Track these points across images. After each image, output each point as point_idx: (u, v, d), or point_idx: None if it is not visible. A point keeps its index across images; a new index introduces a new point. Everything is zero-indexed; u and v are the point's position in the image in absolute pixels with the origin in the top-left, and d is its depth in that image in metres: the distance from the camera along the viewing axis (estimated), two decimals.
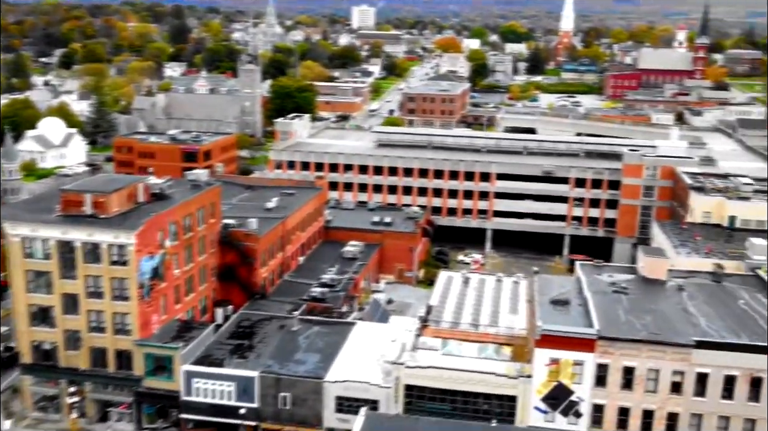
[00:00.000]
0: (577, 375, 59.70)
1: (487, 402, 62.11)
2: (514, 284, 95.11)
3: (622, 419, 59.97)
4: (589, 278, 74.55)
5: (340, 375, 65.14)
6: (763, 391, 57.39)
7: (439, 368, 62.28)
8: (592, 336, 58.48)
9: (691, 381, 58.11)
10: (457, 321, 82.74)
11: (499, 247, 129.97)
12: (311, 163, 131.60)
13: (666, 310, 66.09)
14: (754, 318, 65.14)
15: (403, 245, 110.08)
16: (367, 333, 75.19)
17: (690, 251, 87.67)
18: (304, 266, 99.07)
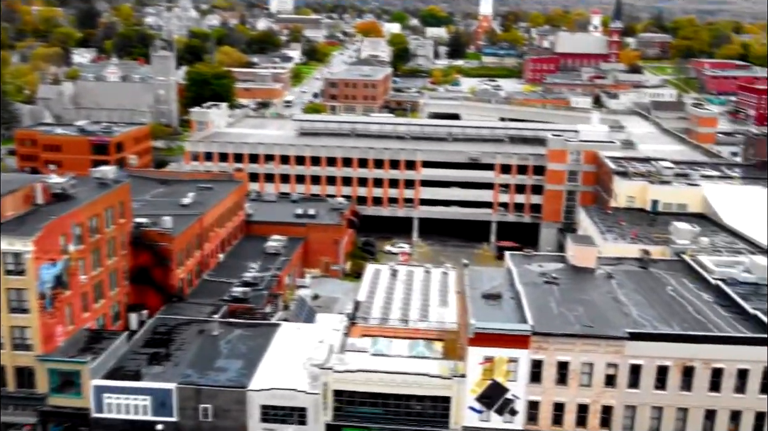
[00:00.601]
0: (512, 373, 57.90)
1: (421, 404, 59.62)
2: (443, 275, 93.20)
3: (558, 414, 58.62)
4: (520, 269, 73.05)
5: (264, 383, 61.35)
6: (695, 380, 56.95)
7: (368, 371, 59.29)
8: (527, 332, 56.71)
9: (624, 373, 57.17)
10: (386, 317, 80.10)
11: (426, 236, 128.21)
12: (230, 154, 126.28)
13: (597, 300, 65.13)
14: (683, 304, 64.93)
15: (328, 238, 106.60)
16: (293, 335, 71.54)
17: (616, 237, 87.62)
18: (224, 264, 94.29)
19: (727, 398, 57.20)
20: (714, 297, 66.94)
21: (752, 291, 70.83)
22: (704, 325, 59.90)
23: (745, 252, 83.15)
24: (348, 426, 60.31)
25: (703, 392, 57.21)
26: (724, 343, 56.24)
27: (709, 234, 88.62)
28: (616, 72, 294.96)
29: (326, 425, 60.45)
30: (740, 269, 74.66)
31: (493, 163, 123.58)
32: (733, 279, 72.52)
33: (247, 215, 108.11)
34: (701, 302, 65.61)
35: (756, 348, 56.14)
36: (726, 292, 66.72)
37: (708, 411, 57.70)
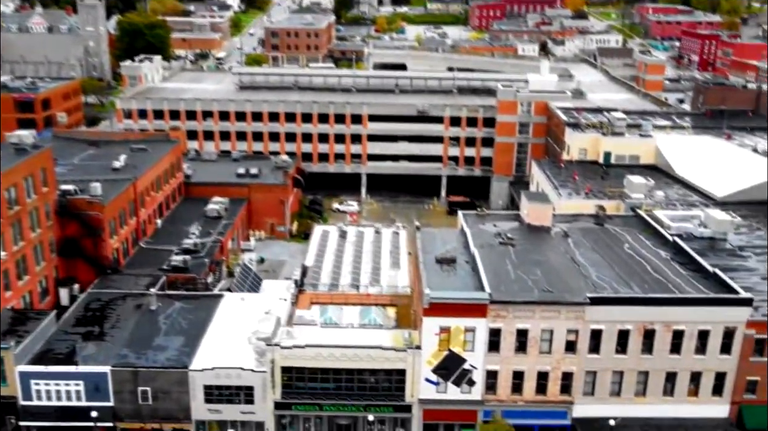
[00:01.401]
0: (469, 343, 55.24)
1: (375, 377, 56.66)
2: (393, 235, 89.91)
3: (517, 383, 56.49)
4: (474, 230, 70.13)
5: (207, 361, 57.38)
6: (656, 343, 55.31)
7: (318, 346, 55.83)
8: (484, 301, 53.88)
9: (585, 338, 55.11)
10: (335, 282, 76.63)
11: (375, 192, 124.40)
12: (165, 111, 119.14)
13: (555, 262, 62.73)
14: (641, 263, 63.07)
15: (272, 198, 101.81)
16: (237, 306, 67.42)
17: (570, 192, 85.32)
18: (162, 230, 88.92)
19: (688, 360, 55.84)
20: (672, 254, 65.29)
21: (709, 246, 69.62)
22: (664, 286, 58.13)
23: (699, 204, 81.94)
24: (298, 404, 57.08)
25: (664, 354, 55.70)
26: (685, 305, 54.50)
27: (662, 187, 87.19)
28: (562, 18, 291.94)
29: (275, 403, 57.10)
30: (696, 223, 73.34)
31: (442, 115, 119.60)
32: (689, 234, 71.13)
33: (186, 176, 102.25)
34: (659, 260, 63.86)
35: (717, 309, 54.61)
36: (684, 249, 65.09)
37: (669, 374, 56.32)
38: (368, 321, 66.68)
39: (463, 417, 57.46)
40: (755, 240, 71.52)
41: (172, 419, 57.48)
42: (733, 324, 55.03)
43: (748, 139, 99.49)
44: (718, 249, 69.10)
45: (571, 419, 57.11)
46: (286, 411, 57.50)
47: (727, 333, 55.33)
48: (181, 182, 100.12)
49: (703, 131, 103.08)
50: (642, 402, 56.89)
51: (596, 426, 56.46)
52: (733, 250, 68.68)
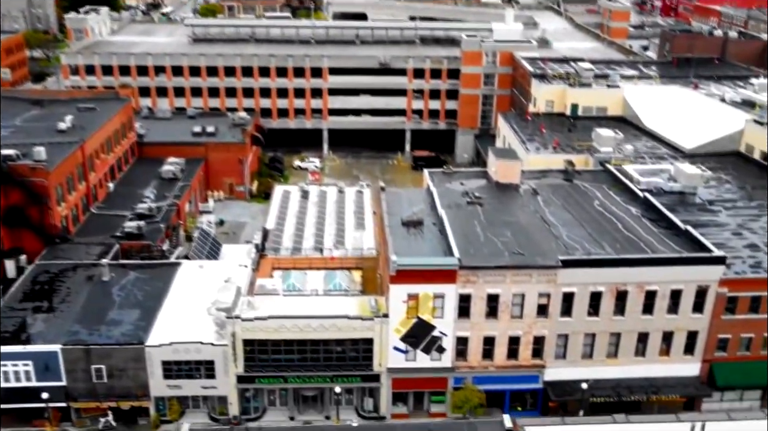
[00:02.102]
0: (438, 309, 53.26)
1: (341, 347, 54.55)
2: (357, 194, 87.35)
3: (488, 349, 54.92)
4: (440, 189, 67.74)
5: (165, 336, 54.55)
6: (629, 304, 54.04)
7: (281, 317, 53.35)
8: (453, 267, 51.73)
9: (557, 302, 53.53)
10: (298, 245, 74.09)
11: (337, 148, 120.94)
12: (114, 67, 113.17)
13: (524, 222, 60.78)
14: (612, 221, 61.47)
15: (230, 157, 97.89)
16: (196, 275, 64.39)
17: (538, 146, 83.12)
18: (115, 194, 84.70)
19: (660, 319, 54.78)
20: (642, 210, 63.80)
21: (679, 200, 68.40)
22: (636, 245, 56.65)
23: (668, 157, 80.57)
24: (262, 377, 54.84)
25: (636, 315, 54.51)
26: (658, 265, 53.11)
27: (630, 139, 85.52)
28: None
29: (237, 377, 54.78)
30: (665, 177, 71.96)
31: (405, 67, 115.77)
32: (659, 189, 69.76)
33: (139, 136, 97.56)
34: (630, 217, 62.34)
35: (689, 269, 53.33)
36: (654, 205, 63.61)
37: (641, 334, 55.27)
38: (333, 286, 64.43)
39: (434, 384, 55.92)
40: (725, 194, 70.47)
41: (129, 397, 54.83)
42: (705, 283, 53.93)
43: (716, 88, 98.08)
44: (688, 203, 67.89)
45: (543, 383, 55.98)
46: (249, 385, 55.28)
47: (700, 292, 54.28)
48: (134, 142, 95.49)
49: (670, 81, 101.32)
50: (614, 363, 55.91)
51: (568, 389, 55.43)
52: (703, 205, 67.50)
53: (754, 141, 79.27)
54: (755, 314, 55.19)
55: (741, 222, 63.80)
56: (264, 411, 57.54)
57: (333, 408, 56.46)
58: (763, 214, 65.75)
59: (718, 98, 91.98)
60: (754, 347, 56.34)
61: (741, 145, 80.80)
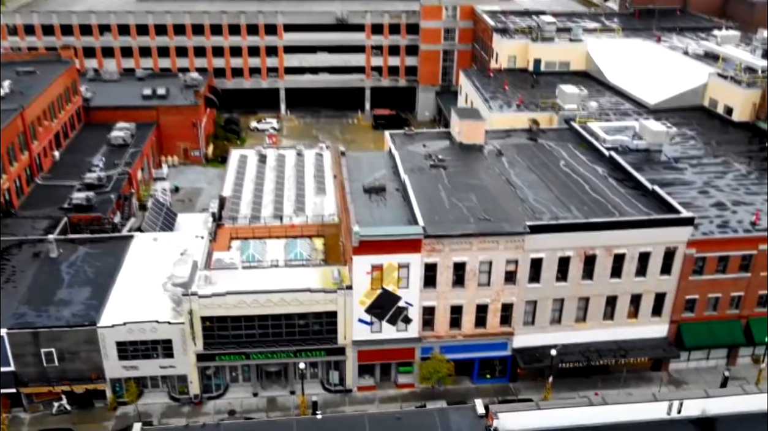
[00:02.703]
0: (403, 279, 51.55)
1: (304, 321, 52.63)
2: (317, 156, 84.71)
3: (455, 318, 53.58)
4: (402, 151, 65.53)
5: (118, 316, 51.91)
6: (597, 268, 53.01)
7: (240, 293, 51.10)
8: (418, 236, 49.87)
9: (525, 268, 52.21)
10: (256, 213, 71.62)
11: (295, 108, 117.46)
12: (55, 26, 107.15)
13: (490, 185, 59.04)
14: (578, 182, 60.11)
15: (184, 120, 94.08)
16: (150, 248, 61.49)
17: (502, 104, 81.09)
18: (61, 163, 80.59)
19: (628, 282, 53.97)
20: (609, 170, 62.55)
21: (644, 158, 67.42)
22: (604, 207, 55.43)
23: (632, 113, 79.39)
24: (222, 354, 52.80)
25: (605, 279, 53.57)
26: (627, 228, 51.97)
27: (594, 95, 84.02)
28: None
29: (197, 355, 52.64)
30: (630, 134, 70.80)
31: (362, 23, 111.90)
32: (624, 147, 68.64)
33: (85, 100, 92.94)
34: (596, 177, 61.06)
35: (658, 231, 52.36)
36: (621, 165, 62.37)
37: (609, 298, 54.46)
38: (294, 256, 62.32)
39: (401, 355, 54.58)
40: (690, 151, 69.64)
41: (83, 380, 52.37)
42: (674, 245, 53.10)
43: (678, 41, 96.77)
44: (654, 161, 66.92)
45: (512, 350, 55.04)
46: (209, 363, 53.21)
47: (668, 254, 53.46)
48: (80, 107, 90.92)
49: (632, 33, 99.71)
50: (582, 328, 55.17)
51: (537, 356, 54.61)
52: (669, 162, 66.59)
53: (718, 95, 78.41)
54: (723, 274, 54.73)
55: (707, 180, 63.07)
56: (226, 388, 55.69)
57: (298, 383, 54.84)
58: (728, 170, 65.12)
59: (681, 51, 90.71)
60: (721, 307, 56.07)
61: (705, 99, 79.90)
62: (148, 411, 53.39)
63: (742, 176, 63.78)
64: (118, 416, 52.93)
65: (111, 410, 53.32)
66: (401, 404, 54.30)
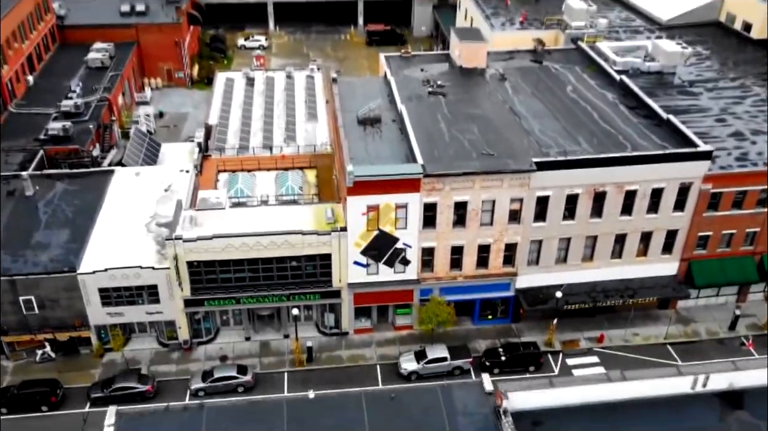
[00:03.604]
0: (401, 220, 48.42)
1: (296, 264, 49.82)
2: (308, 79, 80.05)
3: (456, 258, 50.83)
4: (399, 77, 61.22)
5: (100, 260, 48.96)
6: (606, 206, 49.87)
7: (227, 236, 48.01)
8: (416, 175, 46.37)
9: (530, 207, 49.04)
10: (245, 143, 67.95)
11: (285, 23, 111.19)
12: None
13: (492, 115, 55.08)
14: (587, 110, 56.17)
15: (166, 40, 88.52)
16: (132, 183, 57.97)
17: (504, 22, 75.88)
18: (36, 89, 75.78)
19: (639, 220, 50.97)
20: (619, 96, 58.46)
21: (657, 82, 63.26)
22: (614, 138, 51.75)
23: (644, 30, 74.39)
24: (211, 299, 50.27)
25: (614, 217, 50.52)
26: (640, 163, 48.47)
27: (603, 10, 78.74)
28: None
29: (184, 301, 50.10)
30: (642, 55, 66.26)
31: None
32: (636, 70, 64.29)
33: (59, 18, 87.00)
34: (606, 105, 57.06)
35: (673, 165, 48.89)
36: (633, 90, 58.21)
37: (618, 236, 51.59)
38: (285, 190, 59.05)
39: (398, 297, 52.15)
40: (705, 73, 65.32)
41: (66, 327, 50.01)
42: (689, 180, 49.79)
43: None
44: (667, 85, 62.79)
45: (515, 290, 52.61)
46: (198, 308, 50.76)
47: (682, 190, 50.22)
48: (53, 26, 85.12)
49: None
50: (589, 267, 52.54)
51: (541, 296, 52.25)
52: (683, 86, 62.42)
53: (736, 9, 73.24)
54: (739, 209, 51.70)
55: (724, 107, 59.15)
56: (217, 332, 53.55)
57: (291, 326, 52.66)
58: (747, 95, 61.06)
59: None
60: (735, 243, 53.37)
61: (721, 14, 74.77)
62: (136, 357, 51.34)
63: (761, 101, 59.78)
64: (105, 363, 50.88)
65: (97, 357, 51.23)
66: (399, 347, 52.34)
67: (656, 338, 53.44)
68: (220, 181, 61.62)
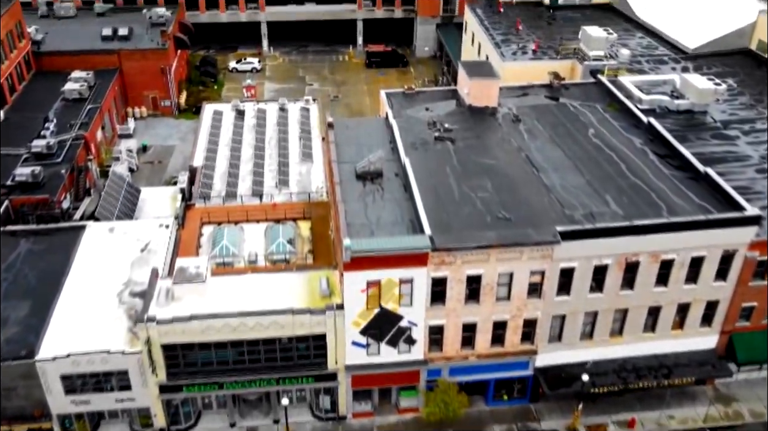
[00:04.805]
0: (406, 296, 42.41)
1: (287, 346, 43.80)
2: (303, 112, 73.93)
3: (468, 336, 44.79)
4: (402, 118, 55.25)
5: (63, 342, 42.87)
6: (639, 277, 43.84)
7: (207, 317, 41.96)
8: (424, 249, 40.32)
9: (553, 279, 43.00)
10: (233, 188, 61.82)
11: (279, 43, 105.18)
12: None
13: (507, 165, 49.13)
14: (612, 158, 50.20)
15: (151, 66, 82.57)
16: (105, 241, 51.87)
17: (515, 51, 69.74)
18: (7, 124, 69.71)
19: (676, 291, 44.95)
20: (647, 141, 52.44)
21: (687, 122, 57.16)
22: (646, 196, 45.73)
23: (668, 60, 68.33)
24: (190, 385, 44.22)
25: (648, 288, 44.51)
26: (679, 230, 42.43)
27: (622, 35, 72.69)
28: None
29: (159, 386, 44.05)
30: (669, 90, 60.28)
31: None
32: (663, 108, 58.25)
33: (35, 43, 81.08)
34: (634, 152, 51.02)
35: (715, 232, 42.85)
36: (662, 135, 52.15)
37: (652, 308, 45.56)
38: (276, 248, 52.94)
39: (403, 379, 46.14)
40: (740, 112, 59.22)
41: (25, 418, 43.97)
42: (733, 247, 43.76)
43: None
44: (699, 126, 56.73)
45: (534, 369, 46.57)
46: (175, 395, 44.71)
47: (725, 258, 44.19)
48: (29, 53, 79.10)
49: None
50: (618, 342, 46.54)
51: (564, 376, 46.21)
52: (718, 128, 56.33)
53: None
54: None
55: (764, 154, 53.01)
56: (199, 416, 47.50)
57: (282, 409, 46.60)
58: None
59: None
60: None
61: (752, 41, 68.66)
62: None
63: None
64: None
65: None
66: None
67: (694, 421, 47.44)
68: (204, 235, 55.51)
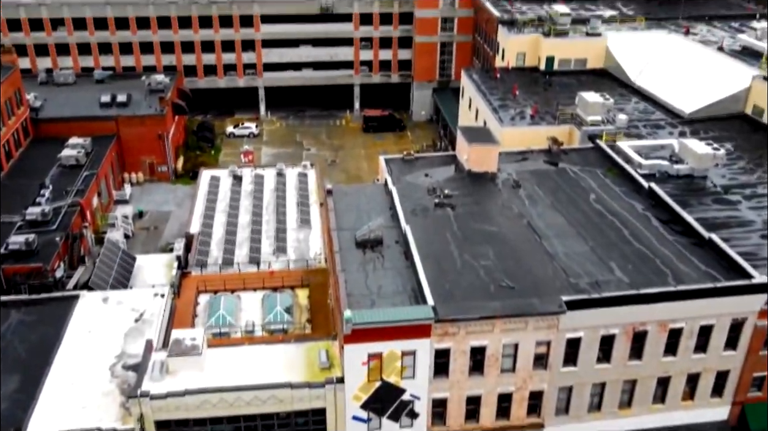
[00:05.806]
0: (408, 368, 41.15)
1: (286, 420, 42.25)
2: (300, 177, 73.82)
3: (472, 409, 43.34)
4: (401, 185, 54.84)
5: (51, 419, 41.37)
6: (648, 346, 42.78)
7: (203, 392, 40.54)
8: (427, 320, 39.31)
9: (559, 350, 41.88)
10: (229, 255, 61.17)
11: (277, 108, 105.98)
12: (1, 20, 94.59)
13: (508, 232, 48.50)
14: (614, 224, 49.67)
15: (148, 132, 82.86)
16: (98, 311, 50.76)
17: (513, 116, 70.15)
18: (3, 190, 69.26)
19: (685, 361, 43.82)
20: (649, 206, 52.05)
21: (688, 187, 56.96)
22: (651, 263, 45.03)
23: (665, 125, 68.71)
24: None
25: (657, 358, 43.38)
26: (686, 299, 41.58)
27: (618, 101, 73.18)
28: None
29: None
30: (667, 155, 60.32)
31: (350, 12, 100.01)
32: (663, 173, 58.13)
33: (33, 110, 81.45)
34: (636, 218, 50.56)
35: (723, 300, 42.02)
36: (664, 201, 51.82)
37: (661, 379, 44.32)
38: (273, 317, 51.90)
39: None
40: (740, 176, 59.12)
41: None
42: (742, 316, 42.87)
43: (709, 32, 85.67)
44: (700, 191, 56.49)
45: None
46: None
47: (734, 326, 43.24)
48: (27, 119, 79.28)
49: (656, 24, 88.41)
50: (626, 414, 45.11)
51: None
52: (719, 194, 56.08)
53: (763, 101, 67.68)
54: None
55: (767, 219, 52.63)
56: None
57: None
58: None
59: (714, 46, 79.61)
60: None
61: (747, 106, 69.21)
62: None
63: None
64: None
65: None
66: None
67: None
68: (200, 304, 54.46)
